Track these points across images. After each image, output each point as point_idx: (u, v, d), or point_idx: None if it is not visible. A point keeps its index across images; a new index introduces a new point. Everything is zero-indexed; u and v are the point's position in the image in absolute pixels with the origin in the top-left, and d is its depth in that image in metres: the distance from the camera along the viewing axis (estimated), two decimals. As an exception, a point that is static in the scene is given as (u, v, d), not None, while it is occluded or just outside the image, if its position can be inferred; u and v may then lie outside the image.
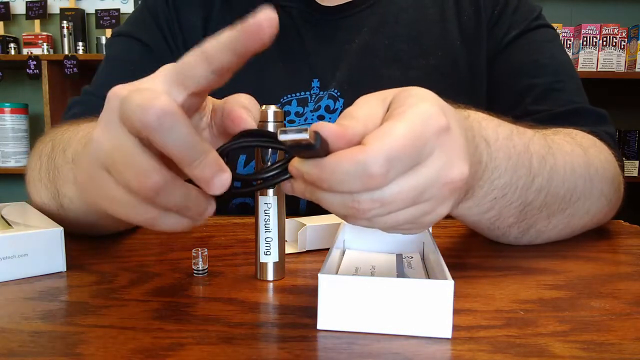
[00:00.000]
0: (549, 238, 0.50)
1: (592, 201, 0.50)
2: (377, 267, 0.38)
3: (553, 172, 0.45)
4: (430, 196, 0.29)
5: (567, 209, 0.48)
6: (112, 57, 0.72)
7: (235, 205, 0.70)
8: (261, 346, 0.28)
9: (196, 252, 0.40)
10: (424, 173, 0.28)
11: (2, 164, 2.25)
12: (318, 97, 0.68)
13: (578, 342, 0.29)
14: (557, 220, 0.48)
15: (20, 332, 0.30)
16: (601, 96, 2.30)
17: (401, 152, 0.27)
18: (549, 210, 0.46)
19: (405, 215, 0.30)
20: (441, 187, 0.29)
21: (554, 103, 0.64)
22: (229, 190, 0.29)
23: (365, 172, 0.26)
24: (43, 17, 2.34)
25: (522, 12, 0.69)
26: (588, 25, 2.05)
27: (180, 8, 0.71)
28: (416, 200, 0.29)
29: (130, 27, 0.73)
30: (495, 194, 0.41)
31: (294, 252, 0.48)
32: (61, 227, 0.41)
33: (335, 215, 0.30)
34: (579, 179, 0.48)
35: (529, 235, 0.49)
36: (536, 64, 0.66)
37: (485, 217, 0.44)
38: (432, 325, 0.29)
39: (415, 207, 0.30)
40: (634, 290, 0.38)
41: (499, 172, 0.40)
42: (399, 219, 0.30)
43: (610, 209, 0.54)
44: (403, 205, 0.29)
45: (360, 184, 0.27)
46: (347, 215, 0.29)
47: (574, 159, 0.48)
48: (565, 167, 0.46)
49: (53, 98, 2.15)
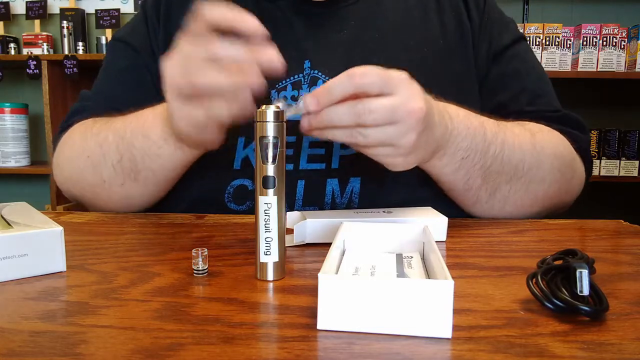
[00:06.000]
0: (515, 204, 0.62)
1: (544, 171, 0.62)
2: (377, 267, 0.38)
3: (504, 144, 0.59)
4: (400, 118, 0.45)
5: (522, 177, 0.61)
6: (107, 63, 0.75)
7: (233, 189, 0.69)
8: (261, 346, 0.28)
9: (196, 252, 0.40)
10: (392, 99, 0.45)
11: (2, 164, 2.25)
12: (311, 77, 0.69)
13: (578, 342, 0.29)
14: (517, 186, 0.61)
15: (20, 332, 0.30)
16: (601, 96, 2.31)
17: (375, 76, 0.44)
18: (507, 176, 0.60)
19: (384, 134, 0.46)
20: (407, 113, 0.45)
21: (539, 106, 0.71)
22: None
23: (351, 77, 0.45)
24: (43, 17, 2.34)
25: (505, 23, 0.75)
26: (588, 25, 2.05)
27: (173, 12, 0.72)
28: (390, 119, 0.45)
29: (125, 32, 0.76)
30: (461, 154, 0.56)
31: (292, 245, 0.48)
32: (61, 227, 0.41)
33: (337, 137, 0.47)
34: (526, 152, 0.61)
35: (497, 200, 0.62)
36: (525, 72, 0.73)
37: (459, 177, 0.58)
38: (432, 325, 0.29)
39: (391, 126, 0.45)
40: (634, 290, 0.38)
41: (461, 137, 0.55)
42: (379, 135, 0.46)
43: (567, 182, 0.66)
44: (381, 120, 0.45)
45: (350, 85, 0.44)
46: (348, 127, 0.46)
47: (521, 138, 0.61)
48: (514, 141, 0.60)
49: (53, 98, 2.15)
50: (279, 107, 0.38)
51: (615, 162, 2.15)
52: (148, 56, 0.72)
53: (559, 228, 0.58)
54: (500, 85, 0.72)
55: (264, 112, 0.37)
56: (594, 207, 0.59)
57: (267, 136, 0.37)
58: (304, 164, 0.65)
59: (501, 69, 0.72)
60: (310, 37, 0.70)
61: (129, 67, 0.72)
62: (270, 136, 0.37)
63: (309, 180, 0.65)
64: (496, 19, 0.74)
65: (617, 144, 2.15)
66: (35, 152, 2.42)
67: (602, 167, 2.15)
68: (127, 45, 0.73)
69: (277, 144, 0.37)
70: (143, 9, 0.74)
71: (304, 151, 0.66)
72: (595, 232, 0.56)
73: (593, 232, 0.56)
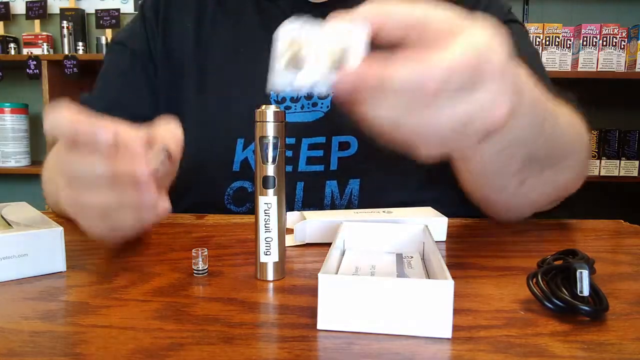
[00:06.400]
0: (536, 195, 0.54)
1: (574, 159, 0.54)
2: (377, 267, 0.38)
3: (556, 126, 0.48)
4: (472, 127, 0.31)
5: (558, 164, 0.52)
6: (106, 67, 0.75)
7: (232, 191, 0.69)
8: (261, 346, 0.28)
9: (196, 252, 0.40)
10: (472, 101, 0.30)
11: (2, 164, 2.25)
12: None
13: (578, 342, 0.29)
14: (547, 175, 0.52)
15: (20, 332, 0.30)
16: (601, 96, 2.31)
17: (459, 70, 0.28)
18: (544, 163, 0.50)
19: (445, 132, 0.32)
20: (482, 122, 0.31)
21: None
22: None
23: (420, 84, 0.28)
24: (43, 17, 2.34)
25: (494, 7, 0.70)
26: (588, 25, 2.05)
27: (172, 15, 0.72)
28: (459, 125, 0.31)
29: (123, 35, 0.76)
30: (515, 133, 0.42)
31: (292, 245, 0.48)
32: (61, 227, 0.41)
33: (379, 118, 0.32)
34: (573, 137, 0.53)
35: (524, 189, 0.51)
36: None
37: (501, 158, 0.46)
38: (432, 325, 0.29)
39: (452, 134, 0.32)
40: (634, 290, 0.38)
41: (522, 115, 0.41)
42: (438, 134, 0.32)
43: (583, 173, 0.58)
44: (447, 125, 0.31)
45: (413, 94, 0.29)
46: (389, 125, 0.31)
47: (571, 120, 0.52)
48: (565, 125, 0.50)
49: (53, 98, 2.15)
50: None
51: (615, 162, 2.15)
52: (146, 58, 0.72)
53: (559, 228, 0.58)
54: None
55: (264, 112, 0.37)
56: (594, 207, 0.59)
57: (267, 136, 0.37)
58: (302, 166, 0.65)
59: None
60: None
61: (127, 72, 0.72)
62: (270, 136, 0.37)
63: (308, 182, 0.65)
64: (485, 1, 0.70)
65: (617, 144, 2.15)
66: (35, 152, 2.42)
67: (602, 167, 2.15)
68: (126, 49, 0.73)
69: (277, 144, 0.37)
70: (141, 11, 0.74)
71: (302, 153, 0.66)
72: (595, 232, 0.56)
73: (593, 232, 0.56)
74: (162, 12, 0.72)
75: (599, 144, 2.16)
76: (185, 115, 0.70)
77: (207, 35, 0.71)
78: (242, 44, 0.70)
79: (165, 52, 0.71)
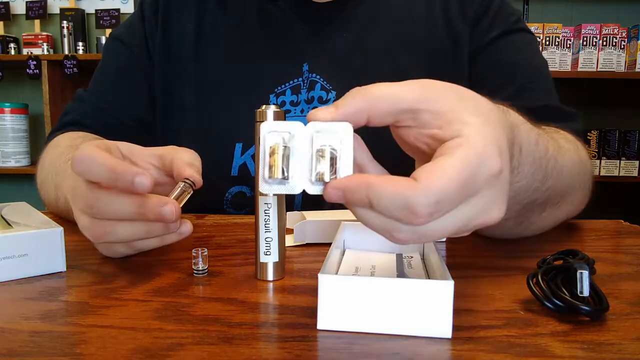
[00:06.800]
0: (536, 229, 0.53)
1: (577, 194, 0.53)
2: (377, 267, 0.38)
3: (559, 173, 0.46)
4: (465, 231, 0.30)
5: (559, 202, 0.50)
6: (103, 63, 0.75)
7: (231, 196, 0.69)
8: (261, 346, 0.28)
9: (196, 252, 0.40)
10: (464, 212, 0.28)
11: (2, 164, 2.25)
12: (310, 81, 0.68)
13: (578, 342, 0.29)
14: (548, 213, 0.50)
15: (20, 332, 0.30)
16: (601, 96, 2.31)
17: (450, 196, 0.26)
18: (545, 205, 0.48)
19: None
20: (476, 225, 0.29)
21: (524, 101, 0.64)
22: None
23: (410, 210, 0.26)
24: (43, 17, 2.34)
25: (503, 15, 0.71)
26: (588, 25, 2.05)
27: (172, 14, 0.72)
28: (452, 234, 0.29)
29: (122, 31, 0.75)
30: (514, 190, 0.42)
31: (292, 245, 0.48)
32: (61, 227, 0.41)
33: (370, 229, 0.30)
34: (575, 176, 0.51)
35: (521, 228, 0.50)
36: (512, 64, 0.68)
37: None
38: (432, 325, 0.29)
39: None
40: (634, 290, 0.38)
41: (521, 176, 0.41)
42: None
43: (585, 198, 0.57)
44: (438, 238, 0.29)
45: (404, 218, 0.27)
46: (382, 234, 0.29)
47: (572, 157, 0.50)
48: (568, 166, 0.48)
49: (53, 98, 2.15)
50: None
51: (615, 162, 2.15)
52: (144, 57, 0.71)
53: (559, 228, 0.58)
54: (483, 77, 0.68)
55: (264, 112, 0.37)
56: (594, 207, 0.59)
57: (267, 136, 0.37)
58: None
59: (485, 60, 0.69)
60: (310, 39, 0.69)
61: (124, 69, 0.72)
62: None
63: None
64: (495, 8, 0.70)
65: (617, 144, 2.15)
66: (35, 152, 2.42)
67: (602, 167, 2.15)
68: (124, 45, 0.73)
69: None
70: (141, 8, 0.74)
71: None
72: (595, 232, 0.56)
73: (593, 232, 0.56)
74: (161, 11, 0.72)
75: (599, 144, 2.16)
76: (183, 118, 0.70)
77: (207, 36, 0.71)
78: (242, 44, 0.70)
79: (163, 52, 0.71)
